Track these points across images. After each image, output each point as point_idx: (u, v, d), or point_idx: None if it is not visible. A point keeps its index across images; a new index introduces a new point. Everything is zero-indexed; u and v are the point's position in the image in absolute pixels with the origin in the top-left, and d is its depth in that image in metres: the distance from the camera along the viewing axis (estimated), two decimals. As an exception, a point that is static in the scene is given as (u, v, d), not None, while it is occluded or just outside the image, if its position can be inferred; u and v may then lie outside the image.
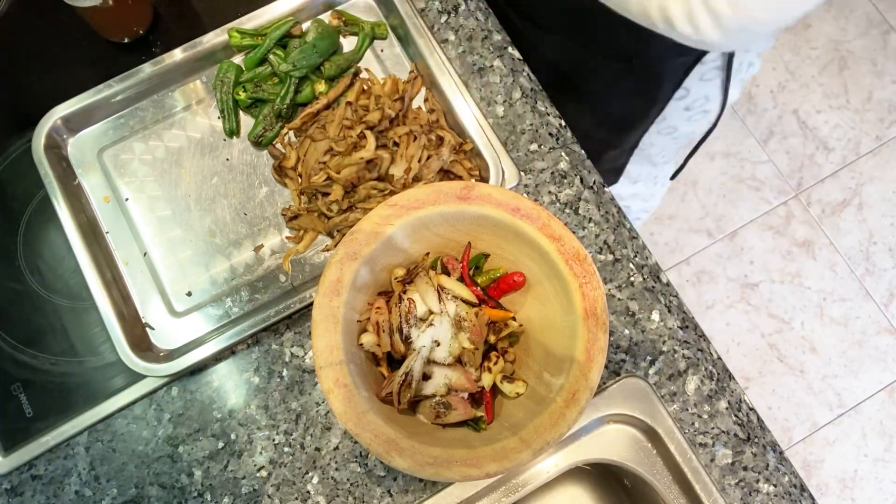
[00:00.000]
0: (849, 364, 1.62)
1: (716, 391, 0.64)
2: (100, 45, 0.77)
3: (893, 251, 1.70)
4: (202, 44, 0.72)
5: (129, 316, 0.65)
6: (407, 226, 0.55)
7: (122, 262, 0.68)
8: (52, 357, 0.67)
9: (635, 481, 0.65)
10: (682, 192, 1.75)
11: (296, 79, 0.71)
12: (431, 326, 0.54)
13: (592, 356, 0.50)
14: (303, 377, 0.65)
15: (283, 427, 0.64)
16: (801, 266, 1.69)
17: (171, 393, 0.65)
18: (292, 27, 0.72)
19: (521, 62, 0.74)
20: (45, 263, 0.70)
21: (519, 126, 0.71)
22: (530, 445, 0.47)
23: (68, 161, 0.71)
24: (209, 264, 0.68)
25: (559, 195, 0.69)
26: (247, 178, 0.71)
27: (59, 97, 0.70)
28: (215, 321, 0.67)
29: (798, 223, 1.72)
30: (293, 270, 0.68)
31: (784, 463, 0.63)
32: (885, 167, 1.76)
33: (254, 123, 0.71)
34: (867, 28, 1.86)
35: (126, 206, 0.70)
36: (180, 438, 0.64)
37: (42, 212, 0.71)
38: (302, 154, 0.69)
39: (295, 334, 0.66)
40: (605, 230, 0.68)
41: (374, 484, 0.62)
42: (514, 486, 0.63)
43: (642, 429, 0.64)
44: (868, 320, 1.65)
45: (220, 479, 0.63)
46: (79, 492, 0.63)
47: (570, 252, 0.52)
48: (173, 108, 0.73)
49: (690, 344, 0.65)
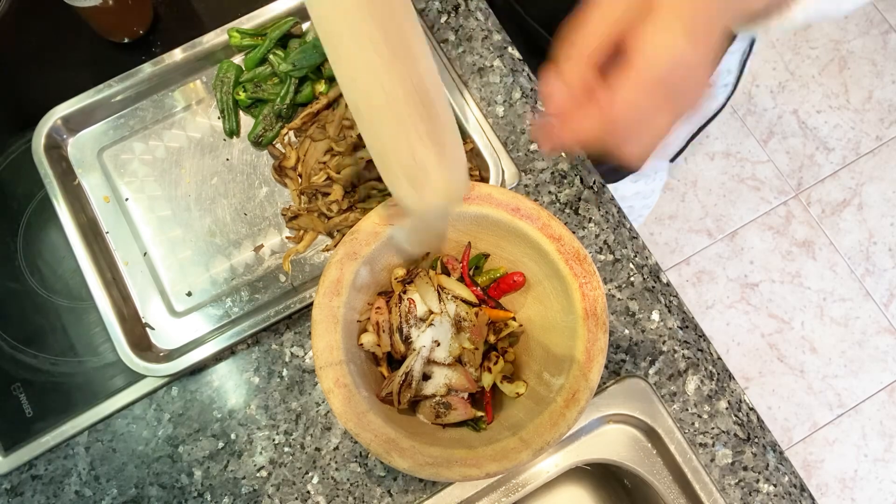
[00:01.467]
0: (849, 364, 1.62)
1: (716, 391, 0.64)
2: (100, 45, 0.77)
3: (893, 251, 1.70)
4: (202, 44, 0.72)
5: (129, 316, 0.65)
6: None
7: (122, 262, 0.68)
8: (52, 357, 0.67)
9: (635, 481, 0.65)
10: (682, 192, 1.75)
11: (296, 79, 0.71)
12: (431, 326, 0.54)
13: (592, 356, 0.50)
14: (303, 377, 0.65)
15: (283, 427, 0.64)
16: (801, 266, 1.69)
17: (171, 393, 0.65)
18: (292, 27, 0.72)
19: (521, 62, 0.74)
20: (45, 263, 0.70)
21: (519, 126, 0.71)
22: (530, 445, 0.47)
23: (68, 161, 0.71)
24: (209, 264, 0.68)
25: (559, 195, 0.69)
26: (247, 178, 0.71)
27: (59, 97, 0.70)
28: (215, 321, 0.67)
29: (798, 223, 1.72)
30: (293, 270, 0.68)
31: (784, 463, 0.63)
32: (885, 167, 1.76)
33: (254, 123, 0.71)
34: (867, 28, 1.86)
35: (126, 206, 0.70)
36: (180, 438, 0.64)
37: (42, 212, 0.71)
38: (302, 154, 0.69)
39: (295, 334, 0.66)
40: (605, 230, 0.68)
41: (374, 484, 0.62)
42: (514, 486, 0.63)
43: (642, 429, 0.64)
44: (868, 320, 1.65)
45: (220, 479, 0.63)
46: (79, 492, 0.63)
47: (570, 252, 0.52)
48: (173, 108, 0.73)
49: (690, 344, 0.65)
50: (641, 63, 0.36)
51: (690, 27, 0.36)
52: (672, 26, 0.36)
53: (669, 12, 0.36)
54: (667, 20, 0.36)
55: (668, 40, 0.36)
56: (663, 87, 0.37)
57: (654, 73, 0.36)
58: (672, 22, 0.36)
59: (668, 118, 0.39)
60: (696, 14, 0.36)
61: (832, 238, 1.71)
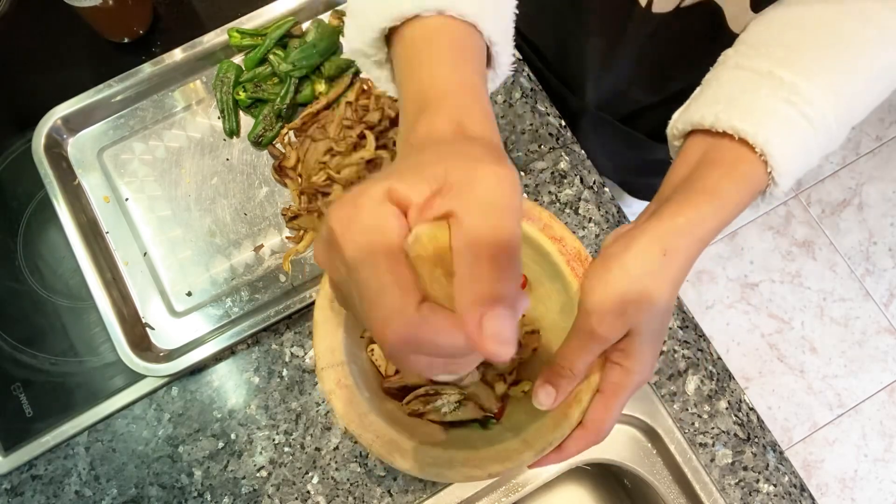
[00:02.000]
0: (849, 364, 1.62)
1: (716, 391, 0.64)
2: (100, 45, 0.76)
3: (893, 251, 1.70)
4: (202, 44, 0.72)
5: (129, 316, 0.65)
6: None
7: (122, 262, 0.68)
8: (52, 357, 0.67)
9: (635, 481, 0.65)
10: (682, 192, 1.75)
11: (296, 79, 0.71)
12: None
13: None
14: (303, 377, 0.65)
15: (283, 427, 0.64)
16: (801, 266, 1.69)
17: (171, 393, 0.65)
18: (292, 27, 0.72)
19: (521, 62, 0.74)
20: (45, 263, 0.70)
21: (519, 126, 0.71)
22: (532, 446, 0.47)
23: (68, 161, 0.71)
24: (209, 264, 0.68)
25: (559, 195, 0.69)
26: (247, 178, 0.71)
27: (59, 97, 0.70)
28: (215, 321, 0.67)
29: (798, 223, 1.72)
30: (293, 270, 0.68)
31: (784, 463, 0.63)
32: (885, 167, 1.76)
33: (254, 123, 0.71)
34: (867, 28, 1.86)
35: (126, 206, 0.70)
36: (180, 438, 0.64)
37: (42, 212, 0.71)
38: (302, 154, 0.69)
39: (295, 334, 0.66)
40: (606, 230, 0.68)
41: (374, 484, 0.62)
42: (514, 487, 0.63)
43: (642, 429, 0.64)
44: (868, 320, 1.65)
45: (220, 479, 0.63)
46: (79, 492, 0.63)
47: (571, 253, 0.52)
48: (173, 108, 0.73)
49: (690, 344, 0.65)
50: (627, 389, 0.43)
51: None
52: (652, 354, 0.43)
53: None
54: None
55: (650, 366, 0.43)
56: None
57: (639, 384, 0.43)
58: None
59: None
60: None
61: (832, 238, 1.71)
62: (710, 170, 0.43)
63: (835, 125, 0.42)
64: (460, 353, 0.27)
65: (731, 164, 0.42)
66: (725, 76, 0.45)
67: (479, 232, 0.27)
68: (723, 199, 0.41)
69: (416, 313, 0.26)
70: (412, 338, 0.26)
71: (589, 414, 0.44)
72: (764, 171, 0.41)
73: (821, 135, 0.42)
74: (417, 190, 0.28)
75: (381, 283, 0.26)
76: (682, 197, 0.42)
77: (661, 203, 0.43)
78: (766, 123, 0.41)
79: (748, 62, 0.44)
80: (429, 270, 0.26)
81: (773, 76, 0.42)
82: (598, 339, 0.41)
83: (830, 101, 0.41)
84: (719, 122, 0.42)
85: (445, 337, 0.26)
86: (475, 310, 0.26)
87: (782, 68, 0.42)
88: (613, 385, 0.43)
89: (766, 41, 0.44)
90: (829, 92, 0.41)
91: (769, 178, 0.42)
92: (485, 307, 0.26)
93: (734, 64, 0.45)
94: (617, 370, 0.42)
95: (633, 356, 0.42)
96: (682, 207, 0.41)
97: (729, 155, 0.42)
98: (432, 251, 0.27)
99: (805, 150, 0.42)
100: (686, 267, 0.42)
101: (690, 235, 0.41)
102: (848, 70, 0.42)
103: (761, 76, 0.43)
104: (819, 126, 0.42)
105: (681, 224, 0.41)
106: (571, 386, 0.44)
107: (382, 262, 0.27)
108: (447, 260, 0.26)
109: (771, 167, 0.41)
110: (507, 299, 0.26)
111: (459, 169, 0.28)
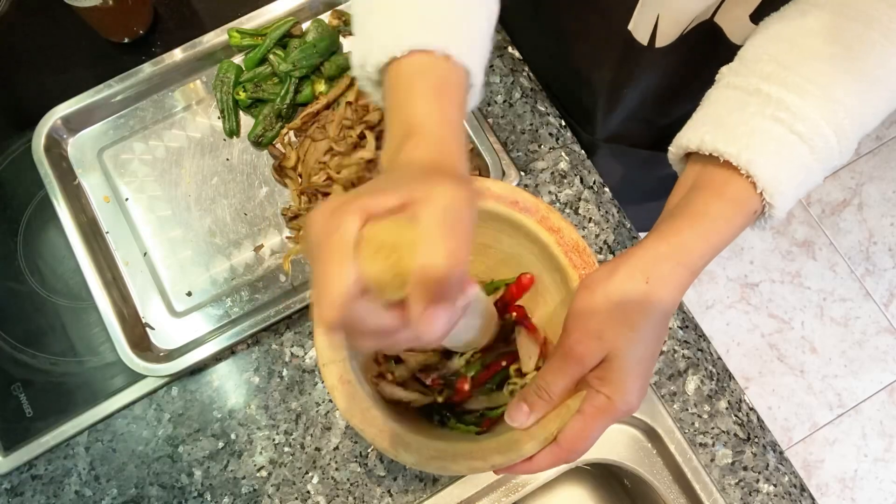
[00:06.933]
0: (849, 364, 1.62)
1: (716, 391, 0.64)
2: (100, 45, 0.77)
3: (893, 251, 1.70)
4: (202, 44, 0.72)
5: (129, 316, 0.65)
6: None
7: (122, 262, 0.68)
8: (52, 357, 0.67)
9: (635, 481, 0.65)
10: (682, 192, 1.75)
11: (296, 79, 0.71)
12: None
13: None
14: (303, 377, 0.65)
15: (283, 427, 0.64)
16: (801, 266, 1.69)
17: (171, 393, 0.65)
18: (292, 27, 0.72)
19: (521, 62, 0.74)
20: (45, 263, 0.70)
21: (519, 126, 0.71)
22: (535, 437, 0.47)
23: (68, 161, 0.71)
24: (209, 264, 0.68)
25: (559, 195, 0.69)
26: (247, 178, 0.71)
27: (59, 97, 0.70)
28: (215, 321, 0.67)
29: (798, 223, 1.72)
30: (293, 270, 0.68)
31: (784, 463, 0.63)
32: (885, 167, 1.76)
33: (254, 123, 0.71)
34: (867, 28, 1.86)
35: (126, 206, 0.70)
36: (180, 438, 0.64)
37: (42, 212, 0.71)
38: (302, 154, 0.69)
39: (295, 334, 0.66)
40: (605, 230, 0.68)
41: (374, 484, 0.62)
42: (513, 487, 0.63)
43: (642, 429, 0.64)
44: (868, 320, 1.65)
45: (220, 479, 0.63)
46: (79, 492, 0.63)
47: (569, 244, 0.52)
48: (173, 108, 0.73)
49: (690, 344, 0.65)
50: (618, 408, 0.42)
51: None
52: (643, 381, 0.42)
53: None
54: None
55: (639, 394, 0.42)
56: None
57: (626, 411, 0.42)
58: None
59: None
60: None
61: (832, 238, 1.71)
62: (699, 194, 0.43)
63: (835, 138, 0.41)
64: (387, 332, 0.33)
65: (719, 187, 0.42)
66: (715, 96, 0.45)
67: (430, 227, 0.31)
68: (713, 224, 0.41)
69: (349, 300, 0.31)
70: (346, 319, 0.31)
71: (565, 432, 0.43)
72: (754, 193, 0.41)
73: (819, 150, 0.41)
74: (388, 202, 0.33)
75: (324, 271, 0.31)
76: (668, 223, 0.42)
77: (653, 229, 0.43)
78: (750, 144, 0.40)
79: (738, 80, 0.43)
80: (373, 251, 0.31)
81: (761, 93, 0.41)
82: (574, 359, 0.41)
83: (828, 114, 0.41)
84: (704, 145, 0.42)
85: (373, 318, 0.32)
86: (418, 304, 0.31)
87: (771, 84, 0.41)
88: (594, 409, 0.42)
89: (759, 56, 0.44)
90: (827, 105, 0.41)
91: (761, 199, 0.41)
92: (427, 303, 0.31)
93: (726, 83, 0.44)
94: (600, 397, 0.41)
95: (612, 383, 0.41)
96: (665, 235, 0.42)
97: (718, 178, 0.42)
98: (382, 238, 0.32)
99: (800, 168, 0.41)
100: (675, 294, 0.41)
101: (674, 262, 0.41)
102: (852, 77, 0.41)
103: (749, 94, 0.42)
104: (814, 142, 0.41)
105: (663, 252, 0.41)
106: (547, 408, 0.44)
107: (327, 255, 0.31)
108: (393, 245, 0.32)
109: (761, 188, 0.40)
110: (450, 293, 0.31)
111: (424, 189, 0.33)
